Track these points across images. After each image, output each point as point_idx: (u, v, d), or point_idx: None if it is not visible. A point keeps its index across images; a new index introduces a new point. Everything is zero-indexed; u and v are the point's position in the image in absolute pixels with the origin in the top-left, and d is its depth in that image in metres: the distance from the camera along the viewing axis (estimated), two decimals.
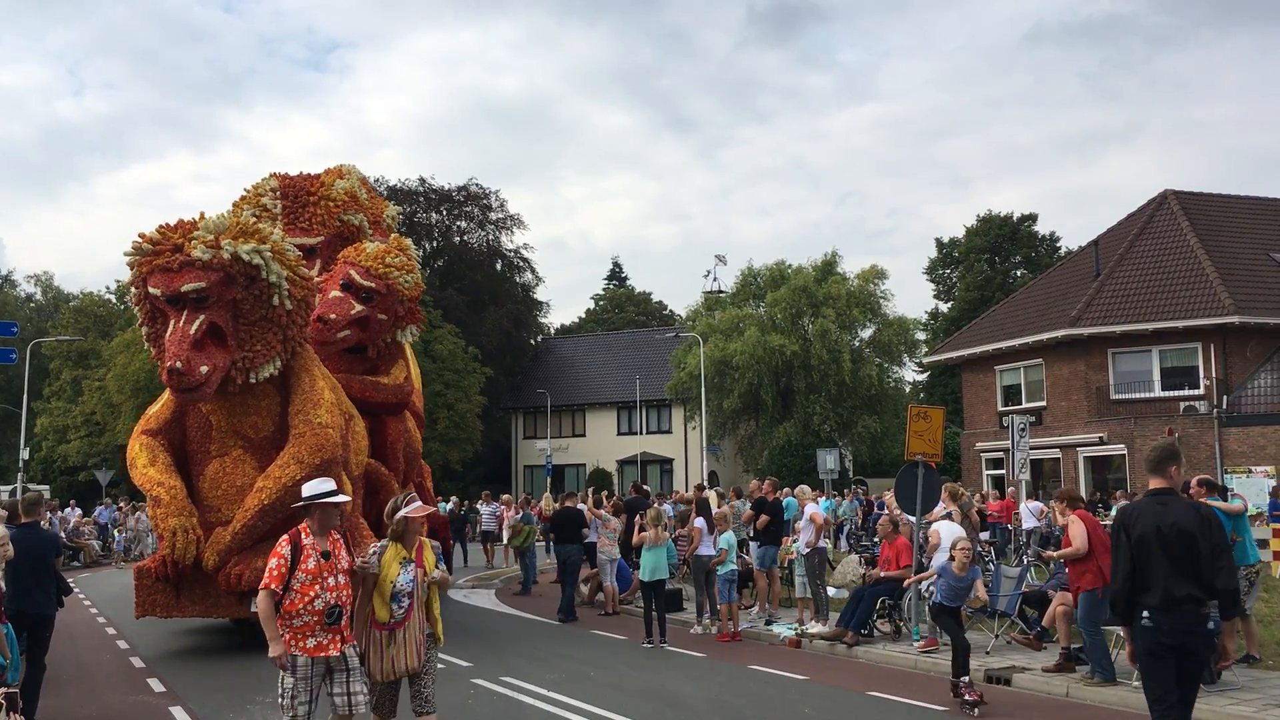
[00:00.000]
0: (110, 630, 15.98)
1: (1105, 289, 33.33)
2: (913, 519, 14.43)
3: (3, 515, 10.44)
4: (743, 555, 16.14)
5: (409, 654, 6.97)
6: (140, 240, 12.66)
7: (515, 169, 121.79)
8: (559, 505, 18.22)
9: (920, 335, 53.10)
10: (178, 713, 10.11)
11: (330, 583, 6.65)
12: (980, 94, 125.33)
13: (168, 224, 12.82)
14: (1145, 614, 6.21)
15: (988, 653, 12.15)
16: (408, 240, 17.15)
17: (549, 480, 49.96)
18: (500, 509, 26.13)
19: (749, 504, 18.40)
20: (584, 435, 56.00)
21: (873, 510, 26.48)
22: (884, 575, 13.55)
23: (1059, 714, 9.78)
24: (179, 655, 13.73)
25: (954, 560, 10.50)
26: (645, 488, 23.03)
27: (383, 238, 17.20)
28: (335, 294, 15.35)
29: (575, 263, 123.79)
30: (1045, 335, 33.35)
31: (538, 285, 61.42)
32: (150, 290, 12.55)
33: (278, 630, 6.54)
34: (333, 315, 15.10)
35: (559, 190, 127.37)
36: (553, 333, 67.26)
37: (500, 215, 58.12)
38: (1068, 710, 9.93)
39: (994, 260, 62.13)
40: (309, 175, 17.28)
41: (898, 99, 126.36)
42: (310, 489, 6.89)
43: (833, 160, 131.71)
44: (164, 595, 13.26)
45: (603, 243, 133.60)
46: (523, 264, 59.95)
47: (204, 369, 12.15)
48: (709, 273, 77.53)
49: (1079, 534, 10.59)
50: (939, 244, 65.52)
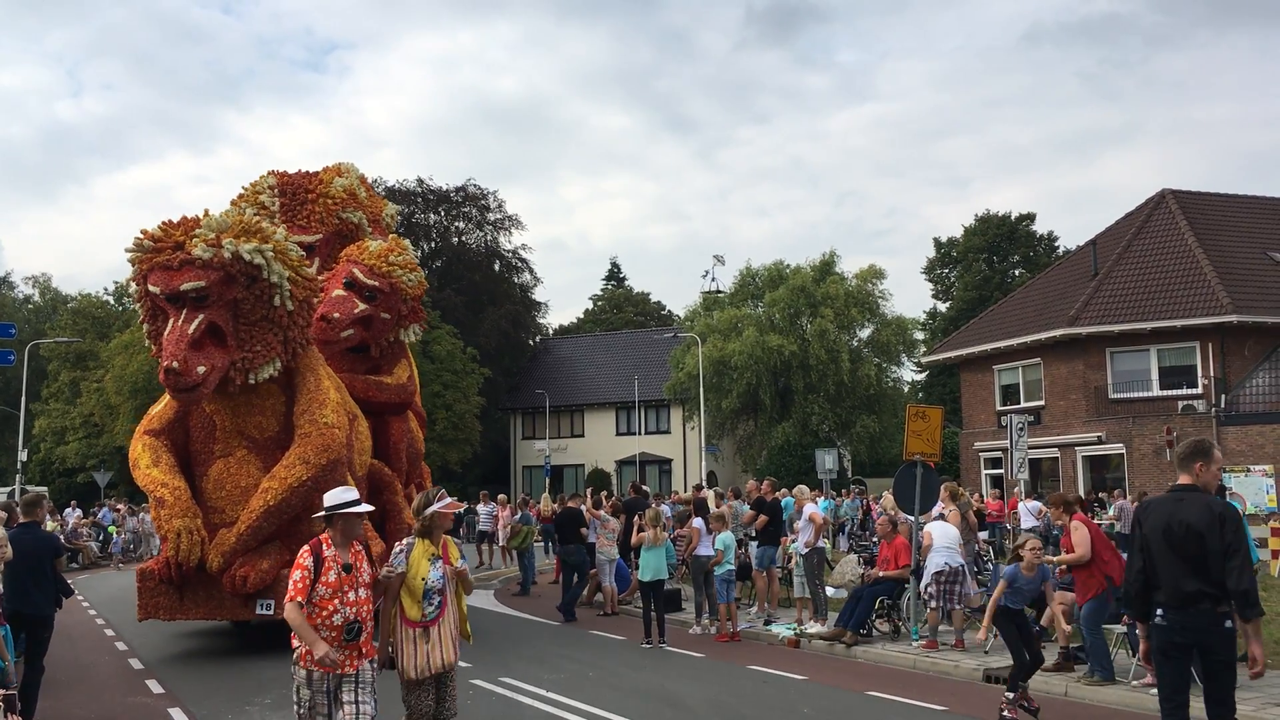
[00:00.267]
0: (109, 632, 15.96)
1: (1103, 288, 33.35)
2: (911, 518, 14.45)
3: (1, 517, 10.46)
4: (741, 554, 16.15)
5: (445, 650, 6.83)
6: (142, 237, 12.51)
7: (514, 170, 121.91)
8: (558, 506, 18.22)
9: (919, 335, 53.17)
10: (176, 714, 10.10)
11: (350, 597, 6.34)
12: (978, 94, 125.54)
13: (170, 221, 12.66)
14: (1160, 612, 6.11)
15: (986, 652, 12.19)
16: (405, 241, 17.10)
17: (548, 481, 49.97)
18: (496, 509, 26.08)
19: (746, 504, 18.40)
20: (582, 436, 56.03)
21: (872, 510, 26.50)
22: (883, 575, 13.57)
23: (1058, 713, 9.79)
24: (178, 657, 13.69)
25: (1023, 560, 9.91)
26: (644, 488, 23.01)
27: (382, 236, 17.11)
28: (338, 293, 15.19)
29: (574, 263, 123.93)
30: (1043, 335, 33.37)
31: (536, 286, 61.63)
32: (150, 288, 12.40)
33: (314, 632, 6.21)
34: (336, 314, 14.96)
35: (558, 191, 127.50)
36: (551, 333, 67.25)
37: (498, 216, 58.26)
38: (1067, 709, 9.95)
39: (992, 260, 62.24)
40: (307, 173, 17.08)
41: (896, 99, 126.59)
42: (332, 498, 6.52)
43: (831, 160, 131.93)
44: (167, 597, 13.07)
45: (601, 243, 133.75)
46: (521, 264, 60.11)
47: (201, 369, 11.99)
48: (707, 273, 77.73)
49: (1082, 539, 10.56)
50: (937, 244, 65.70)
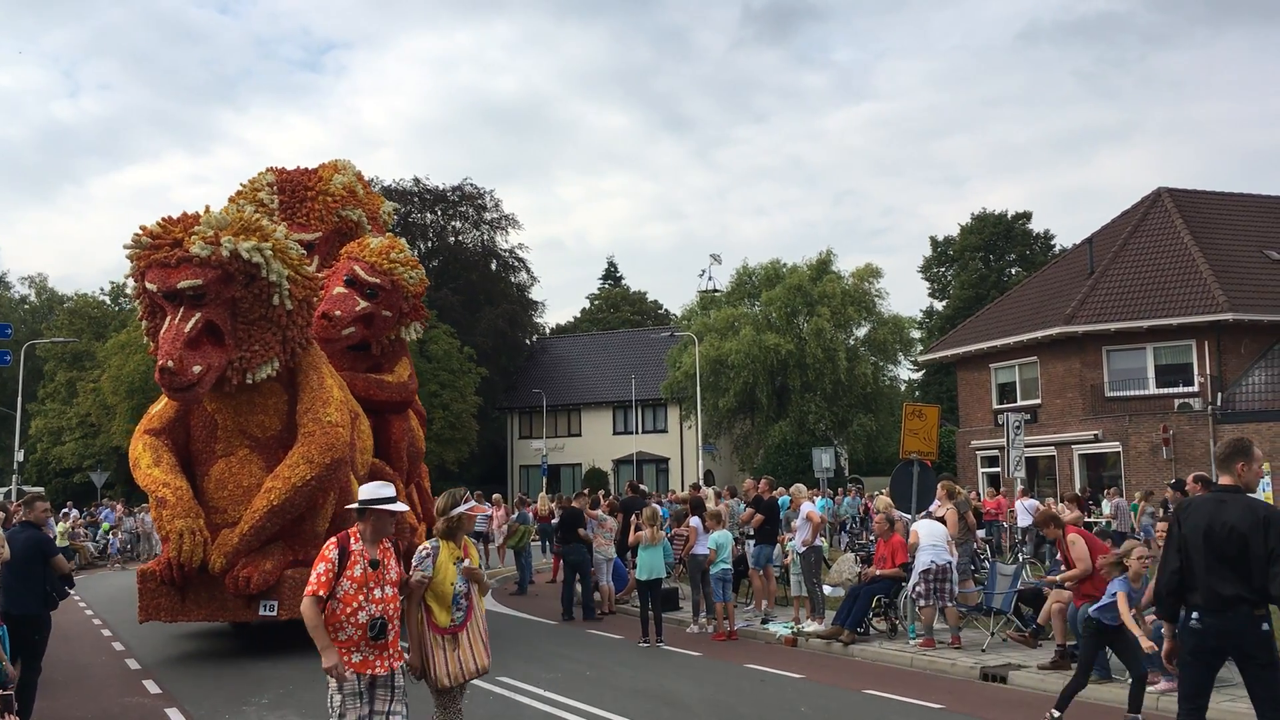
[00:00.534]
0: (106, 632, 15.95)
1: (1099, 287, 33.38)
2: (908, 517, 14.46)
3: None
4: (738, 551, 16.14)
5: (477, 654, 6.72)
6: (140, 233, 12.36)
7: (512, 169, 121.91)
8: (555, 505, 18.18)
9: (915, 334, 53.20)
10: (173, 714, 10.10)
11: (376, 594, 6.10)
12: (976, 93, 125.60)
13: (170, 217, 12.51)
14: (1194, 615, 5.96)
15: (983, 650, 12.19)
16: (401, 240, 17.07)
17: (545, 480, 49.97)
18: (490, 509, 26.00)
19: (743, 503, 18.41)
20: (579, 435, 56.03)
21: (870, 509, 26.50)
22: (880, 573, 13.57)
23: None
24: (175, 657, 13.67)
25: (1129, 570, 9.18)
26: (641, 487, 23.01)
27: (379, 234, 17.09)
28: (339, 290, 15.04)
29: (572, 263, 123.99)
30: (1040, 333, 33.38)
31: (533, 285, 61.74)
32: (147, 285, 12.27)
33: (327, 638, 5.98)
34: (338, 312, 14.82)
35: (555, 190, 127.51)
36: (548, 333, 67.28)
37: (495, 215, 58.26)
38: None
39: (989, 258, 62.31)
40: (306, 170, 16.94)
41: (893, 98, 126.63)
42: (369, 492, 6.30)
43: (829, 159, 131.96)
44: (169, 599, 12.92)
45: (599, 242, 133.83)
46: (518, 264, 60.12)
47: (197, 369, 11.84)
48: (704, 272, 77.33)
49: (1082, 554, 10.53)
50: (934, 242, 65.80)
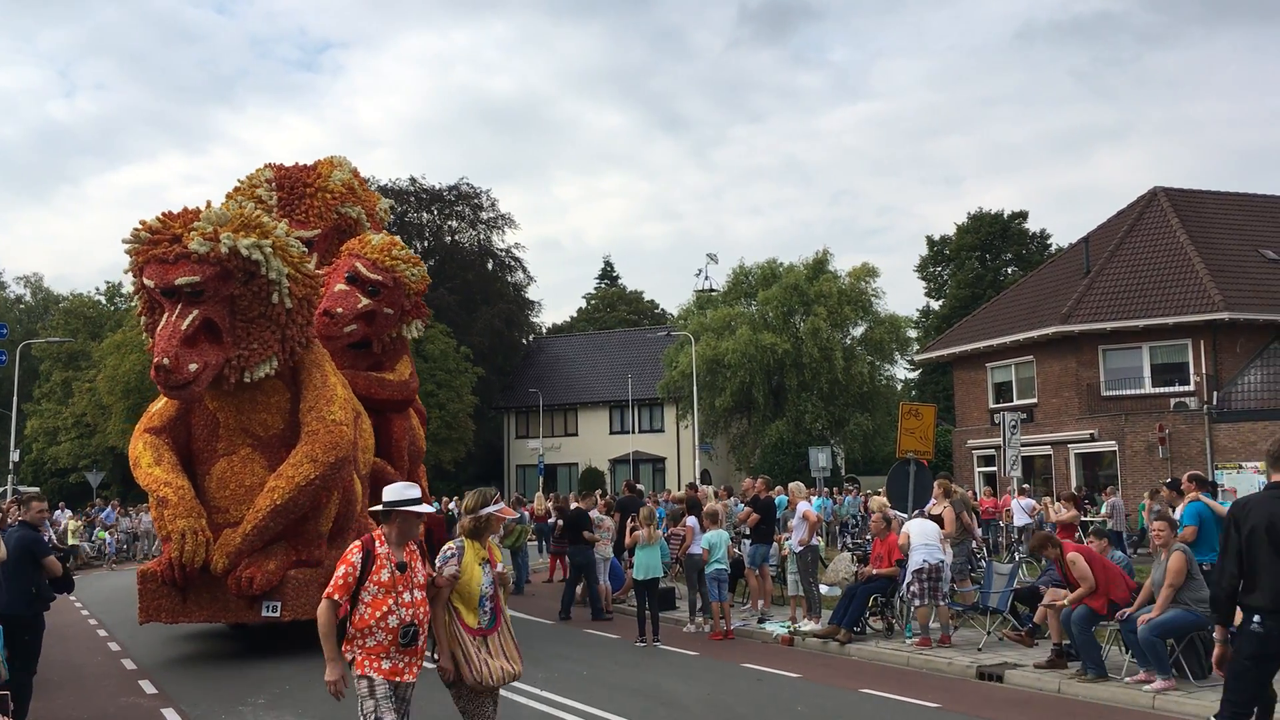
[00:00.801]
0: (102, 632, 15.93)
1: (1095, 286, 33.40)
2: (904, 516, 14.47)
3: None
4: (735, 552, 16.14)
5: (510, 658, 6.53)
6: (140, 228, 12.22)
7: (508, 169, 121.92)
8: (552, 504, 18.15)
9: (912, 333, 53.16)
10: (170, 715, 10.08)
11: (406, 598, 5.89)
12: (972, 92, 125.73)
13: (170, 212, 12.35)
14: (1256, 619, 5.83)
15: (979, 649, 12.20)
16: (397, 239, 17.02)
17: (541, 480, 49.93)
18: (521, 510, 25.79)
19: (740, 503, 18.39)
20: (576, 434, 55.98)
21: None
22: (876, 572, 13.57)
23: (1051, 710, 9.80)
24: (172, 657, 13.65)
25: None
26: (639, 487, 23.01)
27: (377, 231, 17.02)
28: (341, 287, 14.88)
29: (568, 262, 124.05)
30: (1036, 332, 33.41)
31: (529, 285, 61.64)
32: (145, 281, 12.14)
33: (336, 649, 5.79)
34: (340, 309, 14.68)
35: (552, 190, 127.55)
36: (544, 332, 67.25)
37: (491, 215, 58.27)
38: (1060, 706, 9.95)
39: (985, 258, 62.37)
40: (305, 166, 16.79)
41: (890, 98, 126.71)
42: (393, 494, 6.08)
43: (825, 159, 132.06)
44: (169, 600, 12.74)
45: (595, 242, 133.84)
46: (514, 263, 60.13)
47: (193, 367, 11.68)
48: (700, 271, 77.32)
49: (1085, 573, 10.53)
50: (930, 242, 65.84)
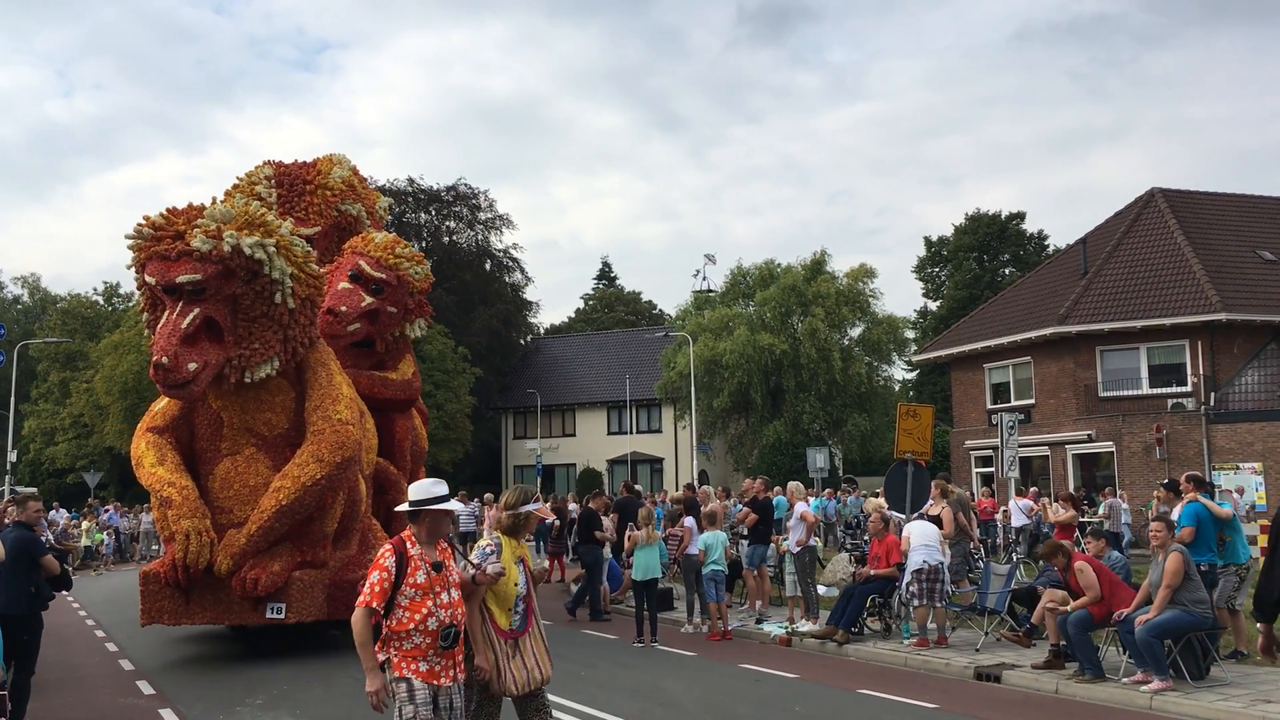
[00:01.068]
0: (99, 633, 15.91)
1: (1093, 287, 33.43)
2: (902, 516, 14.47)
3: None
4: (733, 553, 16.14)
5: (541, 662, 6.38)
6: (143, 224, 12.11)
7: (506, 169, 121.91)
8: (549, 505, 18.13)
9: (909, 334, 53.16)
10: (167, 715, 10.08)
11: (444, 599, 5.73)
12: (969, 93, 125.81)
13: (174, 208, 12.26)
14: None
15: (977, 650, 12.21)
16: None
17: (539, 480, 49.93)
18: (479, 509, 25.67)
19: (738, 503, 18.38)
20: (574, 435, 55.96)
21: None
22: (874, 573, 13.57)
23: (1049, 711, 9.81)
24: (169, 658, 13.63)
25: None
26: (636, 487, 22.98)
27: (376, 230, 16.95)
28: (344, 285, 14.76)
29: (566, 262, 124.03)
30: (1033, 333, 33.42)
31: (527, 285, 61.62)
32: (147, 278, 12.04)
33: (375, 658, 5.61)
34: (343, 307, 14.57)
35: (550, 190, 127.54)
36: (542, 333, 67.24)
37: (489, 215, 58.25)
38: (1057, 707, 9.96)
39: (982, 259, 62.39)
40: (305, 163, 16.67)
41: (887, 98, 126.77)
42: (420, 492, 5.89)
43: (823, 159, 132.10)
44: (172, 601, 12.57)
45: (593, 242, 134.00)
46: (512, 264, 60.11)
47: (193, 366, 11.58)
48: (698, 272, 77.39)
49: (1091, 582, 10.55)
50: (928, 243, 65.85)
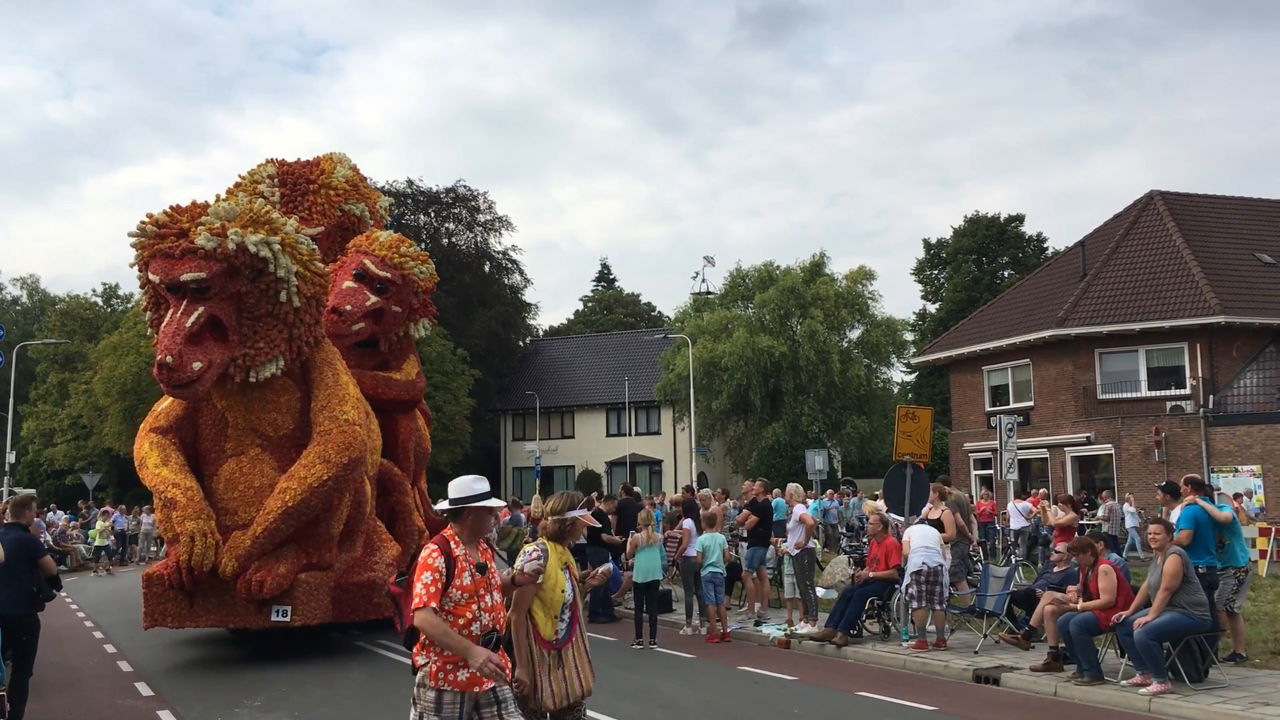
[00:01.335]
0: (98, 634, 15.89)
1: (1092, 289, 33.45)
2: (901, 519, 14.47)
3: None
4: (732, 555, 16.14)
5: (583, 674, 6.10)
6: (146, 221, 12.03)
7: (505, 170, 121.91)
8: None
9: (908, 336, 53.21)
10: (165, 716, 10.06)
11: (488, 602, 5.46)
12: (969, 95, 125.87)
13: (177, 205, 12.17)
14: None
15: (976, 652, 12.20)
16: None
17: (538, 482, 49.92)
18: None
19: (736, 506, 18.37)
20: (573, 437, 55.96)
21: None
22: (873, 575, 13.57)
23: (1047, 713, 9.81)
24: (168, 659, 13.59)
25: None
26: (635, 489, 22.97)
27: (377, 229, 16.89)
28: (349, 284, 14.68)
29: (565, 264, 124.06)
30: (1032, 335, 33.43)
31: (526, 287, 61.61)
32: (150, 276, 11.95)
33: (462, 637, 5.25)
34: (348, 306, 14.48)
35: (549, 191, 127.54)
36: (541, 334, 67.23)
37: (488, 217, 58.25)
38: (1056, 709, 9.96)
39: (981, 261, 62.41)
40: (308, 162, 16.58)
41: (887, 100, 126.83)
42: (461, 489, 5.58)
43: (822, 161, 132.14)
44: (176, 604, 12.41)
45: (592, 244, 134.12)
46: (511, 265, 60.11)
47: (197, 365, 11.48)
48: (697, 274, 77.55)
49: (1111, 586, 10.55)
50: (927, 245, 65.86)
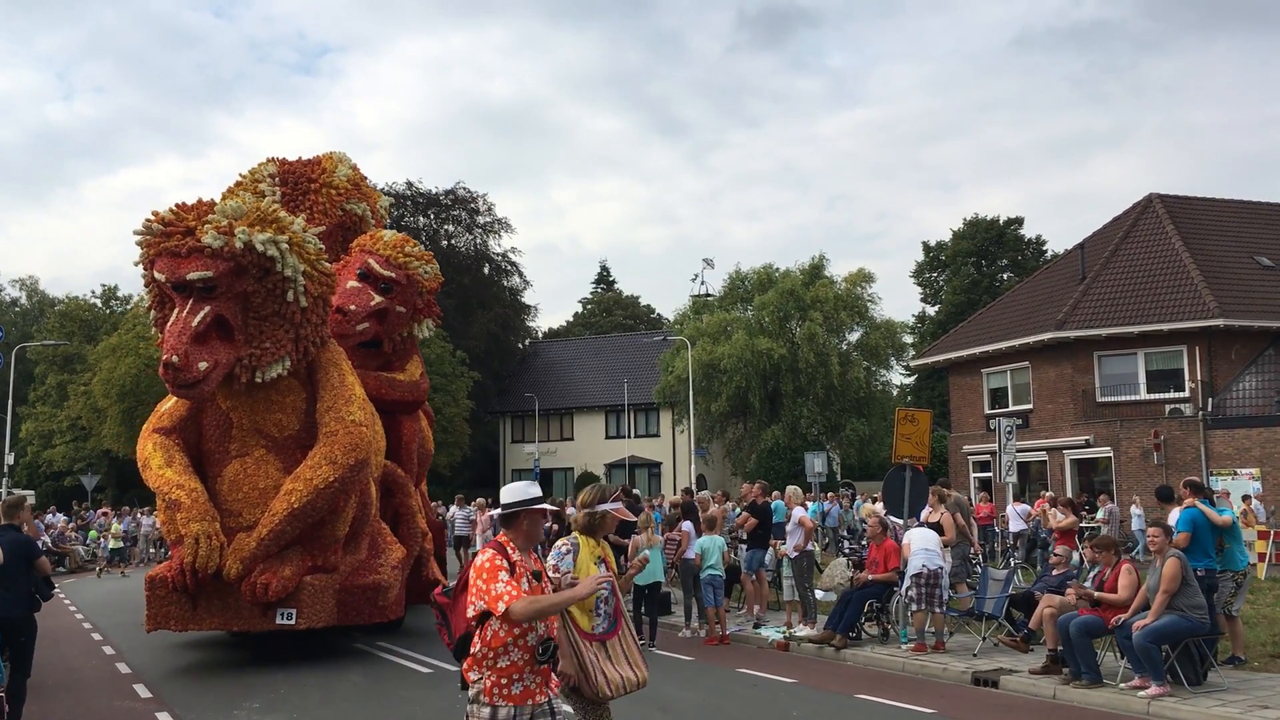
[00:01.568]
0: (96, 636, 15.88)
1: (1091, 292, 33.47)
2: (900, 521, 14.47)
3: None
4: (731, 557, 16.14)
5: (635, 664, 5.99)
6: (152, 219, 11.90)
7: (506, 173, 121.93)
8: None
9: (908, 339, 53.23)
10: (163, 718, 10.05)
11: None
12: (968, 98, 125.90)
13: (183, 203, 12.05)
14: None
15: (974, 655, 12.19)
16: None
17: (537, 484, 49.84)
18: (475, 513, 25.54)
19: (737, 508, 18.37)
20: (572, 439, 55.95)
21: None
22: (872, 578, 13.57)
23: (1046, 716, 9.81)
24: (167, 661, 13.56)
25: None
26: (635, 491, 22.99)
27: (379, 229, 16.83)
28: (353, 284, 14.59)
29: (566, 266, 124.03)
30: (1032, 338, 33.45)
31: (525, 289, 61.65)
32: (155, 275, 11.84)
33: (556, 595, 5.12)
34: (353, 306, 14.38)
35: (549, 194, 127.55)
36: (540, 336, 67.24)
37: (488, 219, 58.29)
38: (1055, 712, 9.95)
39: (980, 264, 62.45)
40: (309, 161, 16.47)
41: (887, 103, 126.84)
42: (515, 493, 5.34)
43: (822, 164, 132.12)
44: (179, 606, 12.27)
45: (592, 246, 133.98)
46: (510, 268, 60.15)
47: (203, 365, 11.39)
48: (697, 276, 77.66)
49: (1131, 584, 10.51)
50: (926, 248, 65.88)
